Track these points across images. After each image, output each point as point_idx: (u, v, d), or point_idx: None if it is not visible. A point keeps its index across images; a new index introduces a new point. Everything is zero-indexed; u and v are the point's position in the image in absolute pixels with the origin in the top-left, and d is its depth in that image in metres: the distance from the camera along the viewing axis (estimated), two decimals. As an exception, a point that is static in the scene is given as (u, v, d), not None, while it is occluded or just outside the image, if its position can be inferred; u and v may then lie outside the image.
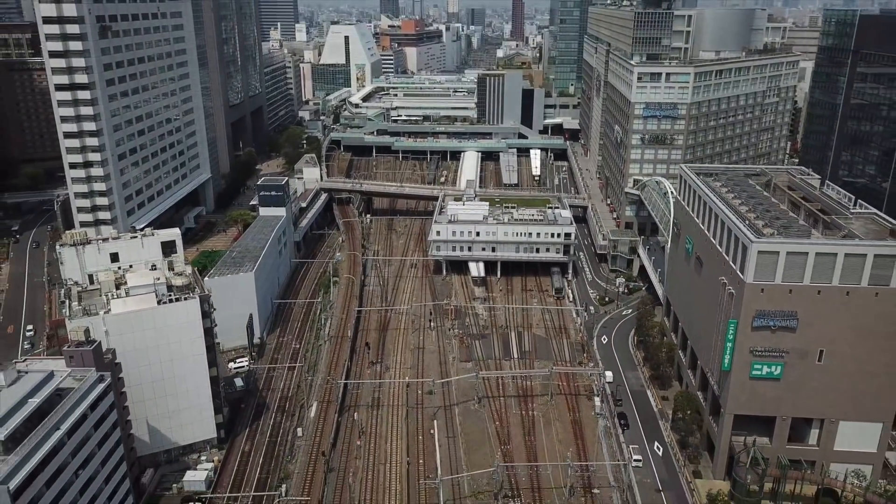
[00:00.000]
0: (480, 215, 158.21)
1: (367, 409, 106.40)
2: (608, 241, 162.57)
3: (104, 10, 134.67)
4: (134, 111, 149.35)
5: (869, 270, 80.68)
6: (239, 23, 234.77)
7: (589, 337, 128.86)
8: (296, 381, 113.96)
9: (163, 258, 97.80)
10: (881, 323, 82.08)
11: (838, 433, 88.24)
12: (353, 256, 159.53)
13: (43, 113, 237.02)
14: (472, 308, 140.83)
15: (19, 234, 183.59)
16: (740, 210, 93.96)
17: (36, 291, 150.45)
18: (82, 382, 63.92)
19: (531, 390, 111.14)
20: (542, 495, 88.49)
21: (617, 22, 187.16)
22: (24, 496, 52.96)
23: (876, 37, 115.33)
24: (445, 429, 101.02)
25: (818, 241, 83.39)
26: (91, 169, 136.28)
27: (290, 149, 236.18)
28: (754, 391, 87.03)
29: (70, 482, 59.11)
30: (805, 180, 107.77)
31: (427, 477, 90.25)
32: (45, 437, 56.79)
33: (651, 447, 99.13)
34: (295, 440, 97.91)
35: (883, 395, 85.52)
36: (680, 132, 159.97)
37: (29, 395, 57.98)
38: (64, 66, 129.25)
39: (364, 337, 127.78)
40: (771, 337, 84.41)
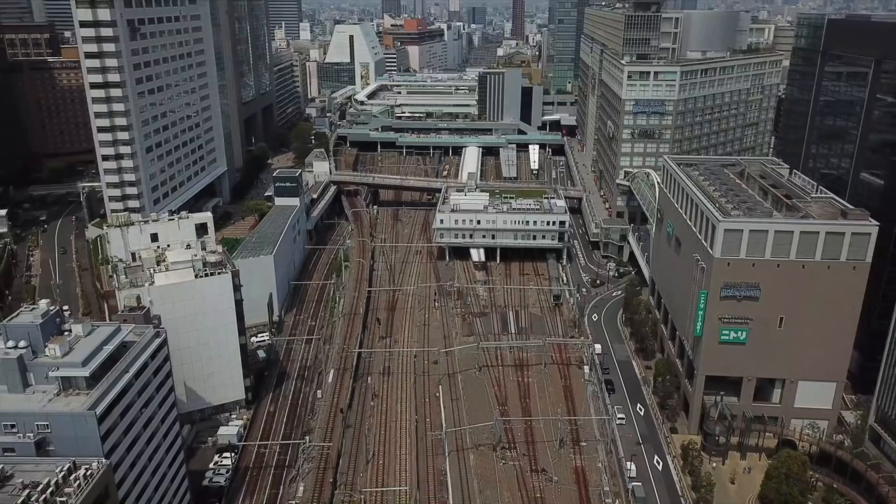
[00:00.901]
0: (481, 205, 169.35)
1: (379, 376, 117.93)
2: (600, 229, 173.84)
3: (134, 14, 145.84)
4: (159, 108, 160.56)
5: (821, 246, 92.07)
6: (251, 23, 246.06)
7: (580, 315, 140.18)
8: (313, 353, 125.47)
9: (196, 238, 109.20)
10: (833, 293, 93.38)
11: (798, 392, 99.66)
12: (362, 243, 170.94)
13: (62, 110, 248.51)
14: (474, 289, 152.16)
15: (46, 224, 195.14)
16: (713, 195, 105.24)
17: (67, 276, 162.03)
18: (142, 337, 75.27)
19: (527, 360, 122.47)
20: (535, 447, 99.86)
21: (609, 23, 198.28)
22: (105, 423, 64.27)
23: (842, 39, 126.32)
24: (449, 392, 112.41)
25: (777, 220, 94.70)
26: (122, 161, 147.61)
27: (299, 144, 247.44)
28: (723, 354, 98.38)
29: (136, 417, 70.45)
30: (775, 169, 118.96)
31: (433, 431, 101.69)
32: (118, 377, 68.17)
33: (634, 408, 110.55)
34: (315, 401, 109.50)
35: (836, 357, 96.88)
36: (667, 127, 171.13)
37: (103, 344, 69.35)
38: (98, 65, 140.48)
39: (374, 314, 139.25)
40: (737, 306, 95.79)
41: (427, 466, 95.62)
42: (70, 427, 62.77)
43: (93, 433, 62.72)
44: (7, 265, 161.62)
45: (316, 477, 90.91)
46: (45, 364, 66.02)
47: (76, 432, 62.75)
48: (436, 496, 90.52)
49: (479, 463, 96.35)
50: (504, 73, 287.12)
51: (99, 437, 63.02)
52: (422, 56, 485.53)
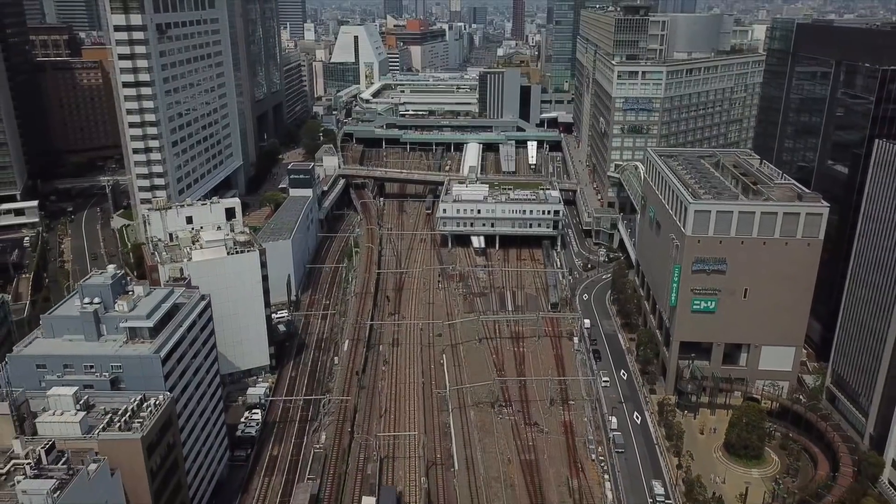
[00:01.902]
0: (481, 196, 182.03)
1: (389, 346, 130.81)
2: (592, 218, 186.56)
3: (161, 18, 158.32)
4: (182, 105, 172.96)
5: (780, 225, 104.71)
6: (262, 25, 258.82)
7: (572, 294, 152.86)
8: (328, 327, 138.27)
9: (226, 221, 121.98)
10: (790, 266, 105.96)
11: (762, 356, 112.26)
12: (370, 231, 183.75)
13: (82, 108, 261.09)
14: (474, 272, 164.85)
15: (73, 215, 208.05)
16: (688, 181, 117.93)
17: (98, 260, 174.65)
18: (190, 299, 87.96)
19: (522, 333, 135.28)
20: (528, 405, 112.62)
21: (602, 26, 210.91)
22: (166, 366, 76.89)
23: (808, 42, 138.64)
24: (452, 359, 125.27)
25: (740, 203, 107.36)
26: (151, 153, 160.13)
27: (308, 140, 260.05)
28: (695, 322, 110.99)
29: (188, 364, 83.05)
30: (747, 160, 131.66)
31: (437, 389, 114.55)
32: (174, 329, 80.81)
33: (618, 373, 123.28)
34: (332, 367, 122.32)
35: (794, 324, 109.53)
36: (655, 123, 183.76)
37: (161, 303, 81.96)
38: (130, 66, 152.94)
39: (384, 293, 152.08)
40: (706, 278, 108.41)
41: (433, 419, 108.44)
42: (138, 368, 75.53)
43: (157, 373, 75.47)
44: (42, 251, 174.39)
45: (336, 427, 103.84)
46: (115, 317, 78.79)
47: (143, 372, 75.49)
48: (440, 444, 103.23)
49: (478, 417, 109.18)
50: (504, 72, 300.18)
51: (162, 376, 75.76)
52: (424, 56, 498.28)
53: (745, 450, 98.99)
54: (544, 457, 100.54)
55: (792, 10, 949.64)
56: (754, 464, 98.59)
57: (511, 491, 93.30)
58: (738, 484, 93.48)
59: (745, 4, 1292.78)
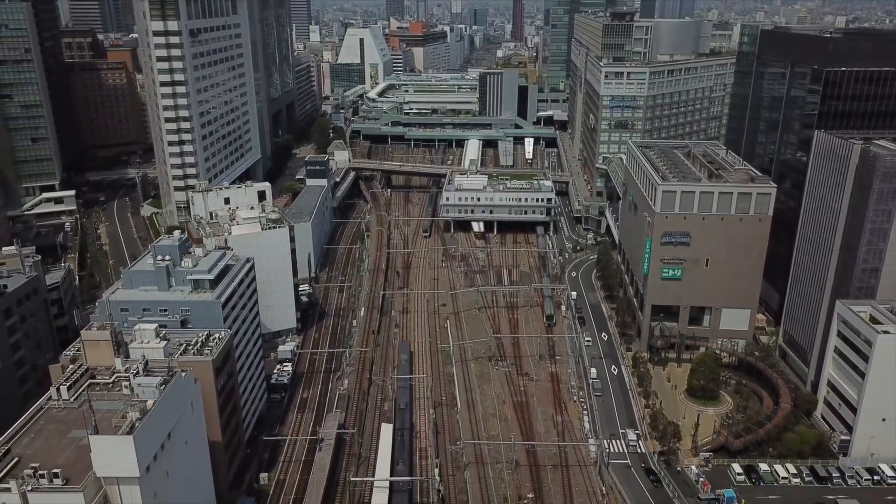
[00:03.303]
0: (481, 185, 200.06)
1: (400, 313, 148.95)
2: (582, 206, 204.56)
3: (193, 24, 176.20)
4: (209, 103, 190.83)
5: (735, 203, 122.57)
6: (277, 29, 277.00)
7: (562, 271, 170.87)
8: (345, 298, 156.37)
9: (258, 202, 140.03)
10: (744, 239, 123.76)
11: (722, 317, 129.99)
12: (380, 217, 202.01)
13: (107, 106, 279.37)
14: (474, 253, 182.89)
15: (105, 204, 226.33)
16: (659, 167, 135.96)
17: (132, 244, 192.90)
18: (238, 262, 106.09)
19: (517, 304, 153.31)
20: (521, 359, 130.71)
21: (592, 30, 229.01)
22: (224, 311, 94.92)
23: (770, 46, 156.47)
24: (455, 324, 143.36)
25: (701, 184, 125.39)
26: (183, 146, 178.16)
27: (319, 136, 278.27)
28: (664, 288, 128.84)
29: (239, 312, 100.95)
30: (714, 150, 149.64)
31: (442, 346, 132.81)
32: (229, 283, 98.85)
33: (599, 335, 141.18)
34: (351, 329, 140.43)
35: (749, 289, 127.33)
36: (639, 119, 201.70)
37: (217, 262, 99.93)
38: (167, 67, 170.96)
39: (393, 270, 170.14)
40: (673, 250, 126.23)
41: (439, 370, 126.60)
42: (203, 311, 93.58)
43: (218, 315, 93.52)
44: (82, 235, 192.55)
45: (356, 375, 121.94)
46: (182, 272, 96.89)
47: (207, 314, 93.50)
48: (445, 390, 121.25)
49: (477, 369, 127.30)
50: (503, 73, 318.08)
51: (222, 318, 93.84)
52: (426, 57, 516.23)
53: (704, 392, 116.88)
54: (533, 399, 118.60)
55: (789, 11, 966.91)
56: (711, 403, 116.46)
57: (505, 423, 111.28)
58: (696, 419, 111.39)
59: (743, 6, 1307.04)
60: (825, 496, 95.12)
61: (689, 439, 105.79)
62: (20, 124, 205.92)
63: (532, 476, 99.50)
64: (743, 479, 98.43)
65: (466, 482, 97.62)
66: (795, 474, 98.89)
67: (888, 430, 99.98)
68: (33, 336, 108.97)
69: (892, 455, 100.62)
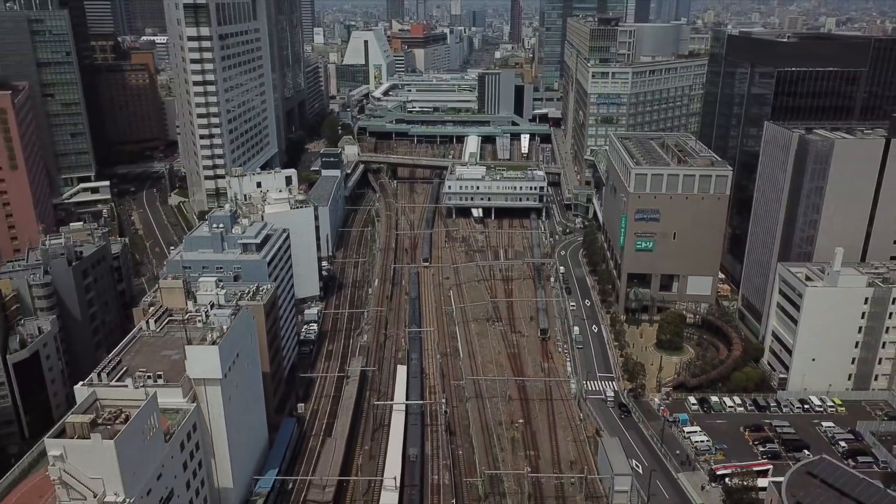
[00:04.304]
0: (479, 175, 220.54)
1: (408, 284, 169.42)
2: (572, 194, 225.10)
3: (222, 30, 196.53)
4: (234, 101, 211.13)
5: (697, 184, 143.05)
6: (290, 33, 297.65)
7: (552, 250, 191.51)
8: (360, 273, 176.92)
9: (286, 185, 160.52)
10: (706, 215, 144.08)
11: (688, 283, 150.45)
12: (388, 203, 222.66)
13: (131, 105, 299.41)
14: (473, 235, 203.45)
15: (136, 194, 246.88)
16: (634, 154, 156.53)
17: (163, 229, 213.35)
18: (276, 231, 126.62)
19: (511, 277, 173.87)
20: (514, 320, 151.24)
21: (581, 33, 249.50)
22: (269, 268, 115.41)
23: (734, 49, 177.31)
24: (457, 292, 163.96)
25: (669, 168, 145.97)
26: (213, 139, 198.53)
27: (329, 133, 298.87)
28: (638, 258, 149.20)
29: (279, 273, 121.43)
30: (685, 141, 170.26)
31: (446, 308, 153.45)
32: (271, 247, 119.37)
33: (583, 302, 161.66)
34: (367, 296, 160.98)
35: (710, 259, 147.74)
36: (623, 115, 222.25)
37: (261, 230, 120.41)
38: (199, 68, 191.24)
39: (402, 248, 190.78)
40: (645, 225, 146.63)
41: (443, 328, 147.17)
42: (252, 269, 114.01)
43: (264, 272, 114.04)
44: (119, 221, 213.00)
45: (374, 331, 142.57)
46: (234, 237, 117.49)
47: (255, 271, 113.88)
48: (449, 344, 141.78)
49: (477, 327, 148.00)
50: (500, 73, 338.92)
51: (267, 274, 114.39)
52: (427, 58, 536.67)
53: (670, 344, 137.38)
54: (524, 350, 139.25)
55: (783, 12, 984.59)
56: (676, 353, 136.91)
57: (500, 368, 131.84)
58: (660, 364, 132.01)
59: (740, 6, 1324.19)
60: (763, 420, 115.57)
61: (654, 380, 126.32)
62: (61, 121, 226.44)
63: (522, 407, 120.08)
64: (697, 408, 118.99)
65: (468, 411, 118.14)
66: (740, 404, 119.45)
67: (817, 368, 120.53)
68: (102, 295, 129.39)
69: (820, 388, 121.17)
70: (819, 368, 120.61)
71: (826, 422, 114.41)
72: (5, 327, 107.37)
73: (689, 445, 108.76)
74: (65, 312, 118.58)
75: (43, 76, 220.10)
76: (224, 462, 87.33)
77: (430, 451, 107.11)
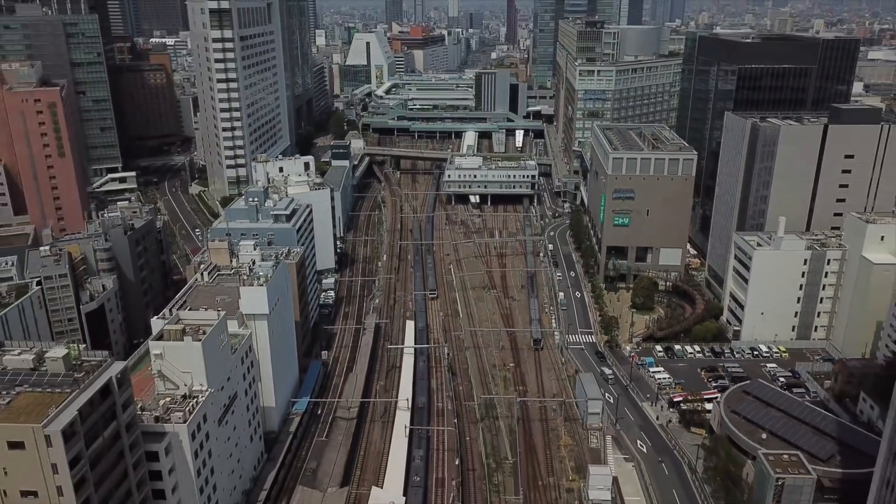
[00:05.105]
0: (477, 165, 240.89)
1: (413, 259, 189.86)
2: (561, 182, 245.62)
3: (242, 32, 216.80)
4: (252, 97, 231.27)
5: (667, 167, 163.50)
6: (299, 35, 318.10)
7: (542, 231, 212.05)
8: (370, 250, 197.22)
9: (304, 170, 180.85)
10: (676, 194, 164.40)
11: (660, 255, 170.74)
12: (393, 191, 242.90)
13: (149, 103, 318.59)
14: (471, 219, 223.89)
15: (158, 184, 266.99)
16: (613, 141, 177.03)
17: (186, 214, 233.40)
18: (301, 206, 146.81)
19: (505, 253, 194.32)
20: (507, 288, 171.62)
21: (570, 34, 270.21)
22: (297, 234, 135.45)
23: (703, 49, 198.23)
24: (456, 266, 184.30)
25: (642, 152, 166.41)
26: (235, 131, 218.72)
27: (336, 128, 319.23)
28: (616, 232, 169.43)
29: (307, 238, 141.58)
30: (660, 131, 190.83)
31: (446, 279, 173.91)
32: (298, 218, 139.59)
33: (568, 273, 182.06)
34: (377, 269, 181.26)
35: (680, 233, 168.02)
36: (607, 109, 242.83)
37: (289, 204, 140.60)
38: (223, 67, 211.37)
39: (407, 229, 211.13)
40: (622, 203, 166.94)
41: (446, 295, 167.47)
42: (283, 235, 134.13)
43: (294, 238, 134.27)
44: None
45: (384, 296, 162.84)
46: (267, 209, 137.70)
47: (285, 238, 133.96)
48: (450, 307, 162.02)
49: (474, 294, 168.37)
50: (496, 73, 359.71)
51: (296, 241, 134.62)
52: (426, 59, 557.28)
53: (643, 306, 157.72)
54: (516, 312, 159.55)
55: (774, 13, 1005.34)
56: (647, 313, 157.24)
57: (495, 326, 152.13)
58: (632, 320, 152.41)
59: (735, 7, 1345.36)
60: (718, 364, 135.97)
61: (627, 333, 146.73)
62: (91, 116, 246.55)
63: (513, 355, 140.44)
64: (662, 355, 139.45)
65: (467, 358, 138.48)
66: (699, 351, 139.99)
67: (765, 321, 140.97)
68: (150, 262, 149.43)
69: (767, 338, 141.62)
70: (767, 321, 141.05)
71: (771, 364, 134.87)
72: (77, 283, 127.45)
73: (653, 382, 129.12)
74: (121, 275, 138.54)
75: (76, 75, 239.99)
76: (268, 384, 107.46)
77: (434, 386, 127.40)
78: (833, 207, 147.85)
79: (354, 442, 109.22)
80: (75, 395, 62.67)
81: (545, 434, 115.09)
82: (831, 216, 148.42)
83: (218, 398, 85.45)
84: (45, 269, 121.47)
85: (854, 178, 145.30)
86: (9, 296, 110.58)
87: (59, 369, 66.17)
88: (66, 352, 66.86)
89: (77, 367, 67.36)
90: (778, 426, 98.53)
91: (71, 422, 60.11)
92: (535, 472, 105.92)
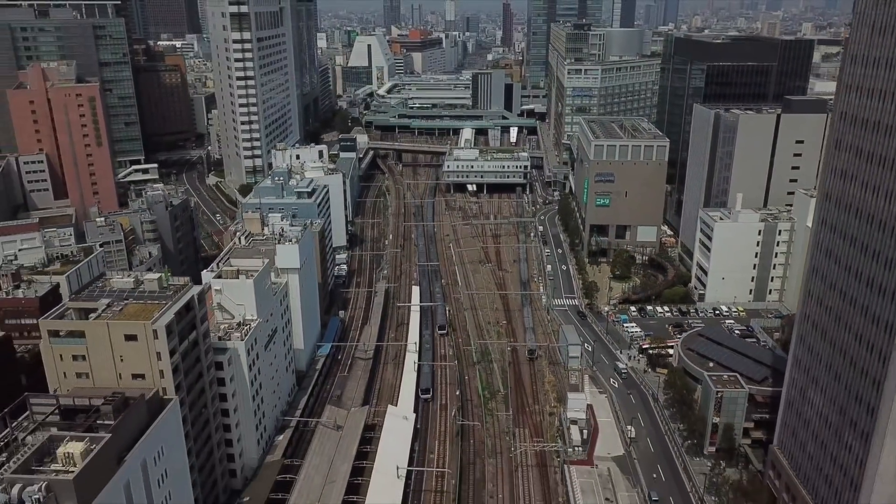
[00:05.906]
0: (473, 156, 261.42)
1: (417, 238, 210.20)
2: (551, 172, 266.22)
3: (259, 34, 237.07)
4: (266, 95, 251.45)
5: (643, 153, 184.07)
6: (307, 37, 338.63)
7: (534, 216, 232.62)
8: (377, 232, 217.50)
9: (318, 157, 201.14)
10: (650, 178, 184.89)
11: (638, 232, 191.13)
12: (396, 180, 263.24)
13: (165, 101, 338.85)
14: (468, 205, 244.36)
15: (178, 176, 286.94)
16: (596, 131, 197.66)
17: (206, 202, 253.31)
18: (320, 186, 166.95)
19: (499, 234, 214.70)
20: (501, 262, 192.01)
21: (560, 36, 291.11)
22: (317, 209, 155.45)
23: (678, 49, 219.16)
24: (455, 245, 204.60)
25: (621, 140, 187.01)
26: (252, 125, 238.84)
27: (341, 125, 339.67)
28: (598, 212, 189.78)
29: (325, 213, 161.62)
30: (639, 122, 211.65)
31: (447, 257, 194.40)
32: (318, 195, 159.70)
33: (556, 250, 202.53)
34: (384, 247, 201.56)
35: (654, 212, 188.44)
36: (594, 105, 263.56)
37: (310, 182, 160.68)
38: (242, 66, 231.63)
39: (410, 213, 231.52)
40: (603, 185, 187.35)
41: (447, 268, 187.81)
42: (305, 210, 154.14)
43: (315, 212, 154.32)
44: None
45: (392, 267, 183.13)
46: (291, 187, 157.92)
47: (307, 212, 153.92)
48: (451, 279, 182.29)
49: (471, 267, 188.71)
50: (491, 73, 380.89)
51: (317, 214, 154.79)
52: (424, 61, 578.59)
53: (621, 276, 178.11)
54: (508, 281, 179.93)
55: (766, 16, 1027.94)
56: (625, 282, 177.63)
57: (490, 294, 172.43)
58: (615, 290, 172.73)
59: (729, 11, 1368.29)
60: (683, 321, 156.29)
61: (605, 297, 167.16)
62: (117, 111, 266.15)
63: (505, 314, 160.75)
64: (636, 314, 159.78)
65: (465, 317, 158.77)
66: (668, 311, 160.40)
67: (725, 285, 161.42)
68: (185, 236, 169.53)
69: (728, 300, 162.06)
70: (727, 285, 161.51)
71: (729, 320, 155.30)
72: (128, 250, 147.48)
73: (627, 335, 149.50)
74: (163, 245, 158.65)
75: (103, 74, 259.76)
76: (298, 329, 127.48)
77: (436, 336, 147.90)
78: (787, 186, 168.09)
79: (371, 377, 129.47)
80: (170, 305, 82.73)
81: (532, 375, 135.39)
82: (785, 194, 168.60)
83: (265, 327, 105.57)
84: (103, 236, 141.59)
85: (804, 160, 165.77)
86: (78, 254, 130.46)
87: (154, 288, 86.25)
88: (160, 275, 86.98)
89: (166, 288, 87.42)
90: (723, 358, 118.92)
91: (169, 322, 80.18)
92: (523, 402, 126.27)
